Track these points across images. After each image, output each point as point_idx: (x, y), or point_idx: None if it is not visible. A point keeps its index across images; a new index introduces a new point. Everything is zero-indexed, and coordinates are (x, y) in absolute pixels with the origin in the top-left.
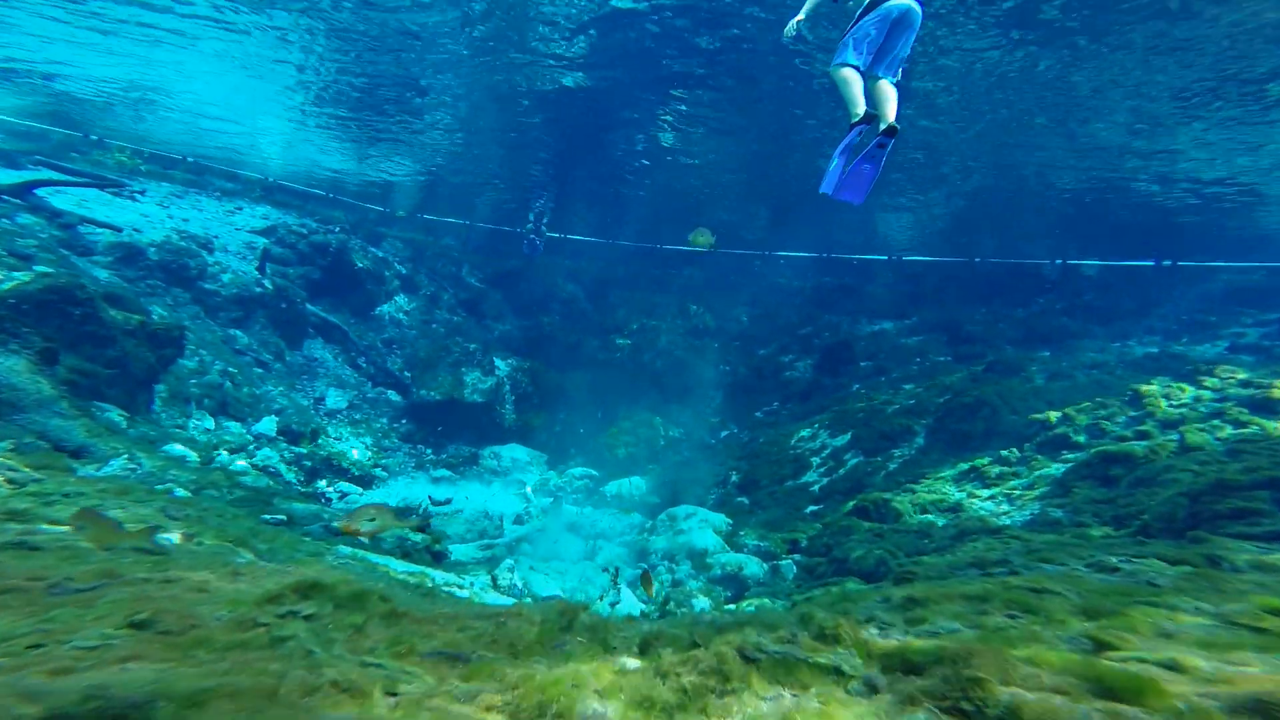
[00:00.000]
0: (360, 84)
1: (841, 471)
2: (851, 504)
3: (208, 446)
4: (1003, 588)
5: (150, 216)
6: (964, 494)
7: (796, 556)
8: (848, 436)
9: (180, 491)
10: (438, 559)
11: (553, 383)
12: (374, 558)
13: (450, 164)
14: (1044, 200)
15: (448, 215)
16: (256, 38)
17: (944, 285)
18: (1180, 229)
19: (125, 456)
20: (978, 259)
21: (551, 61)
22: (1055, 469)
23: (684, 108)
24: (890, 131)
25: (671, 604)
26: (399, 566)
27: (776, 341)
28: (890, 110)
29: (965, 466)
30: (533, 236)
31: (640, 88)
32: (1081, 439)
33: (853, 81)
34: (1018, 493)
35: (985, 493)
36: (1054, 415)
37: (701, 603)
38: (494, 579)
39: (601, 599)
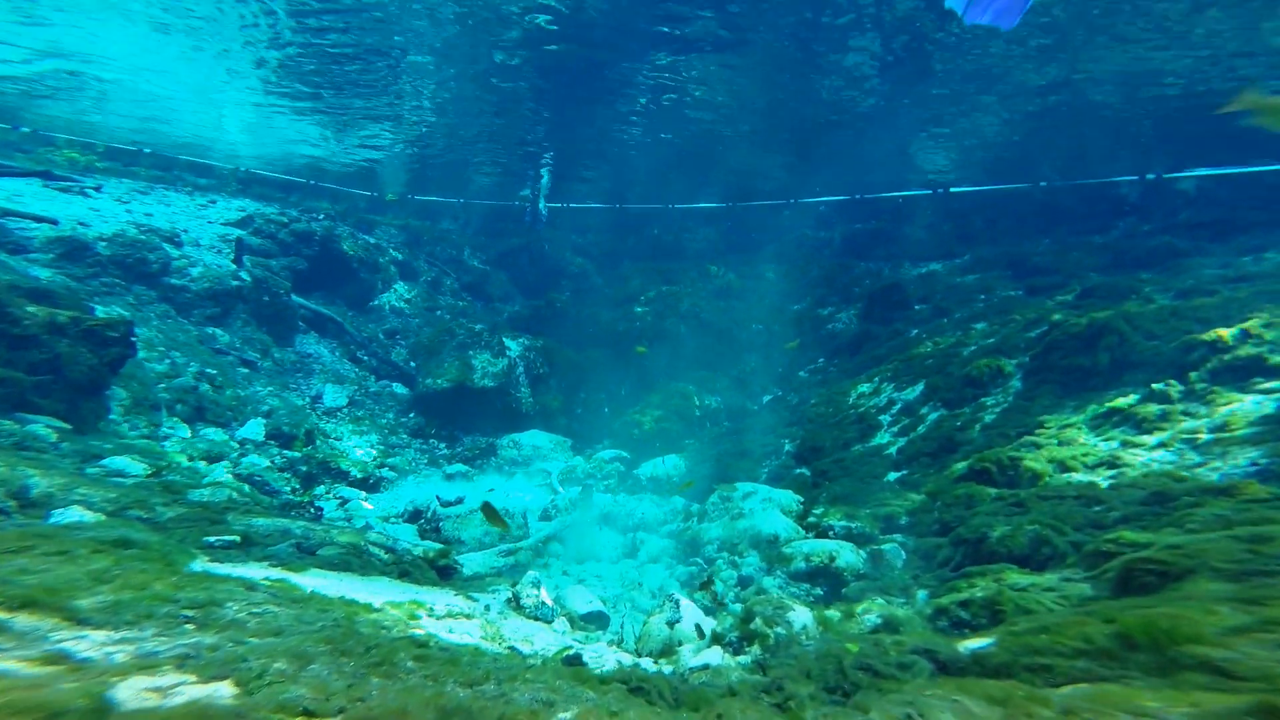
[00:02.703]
0: (326, 44)
1: (921, 429)
2: (964, 465)
3: (176, 457)
4: None
5: (102, 211)
6: (1114, 443)
7: (898, 537)
8: (920, 388)
9: (83, 516)
10: (444, 575)
11: (570, 360)
12: (335, 589)
13: (436, 131)
14: (1128, 109)
15: (441, 195)
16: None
17: (995, 219)
18: None
19: None
20: (1043, 183)
21: None
22: (1256, 403)
23: (689, 44)
24: None
25: (758, 620)
26: (384, 591)
27: (810, 295)
28: None
29: (1099, 409)
30: (533, 204)
31: (638, 25)
32: None
33: None
34: (1203, 436)
35: (1149, 440)
36: (1228, 333)
37: (801, 618)
38: (515, 597)
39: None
